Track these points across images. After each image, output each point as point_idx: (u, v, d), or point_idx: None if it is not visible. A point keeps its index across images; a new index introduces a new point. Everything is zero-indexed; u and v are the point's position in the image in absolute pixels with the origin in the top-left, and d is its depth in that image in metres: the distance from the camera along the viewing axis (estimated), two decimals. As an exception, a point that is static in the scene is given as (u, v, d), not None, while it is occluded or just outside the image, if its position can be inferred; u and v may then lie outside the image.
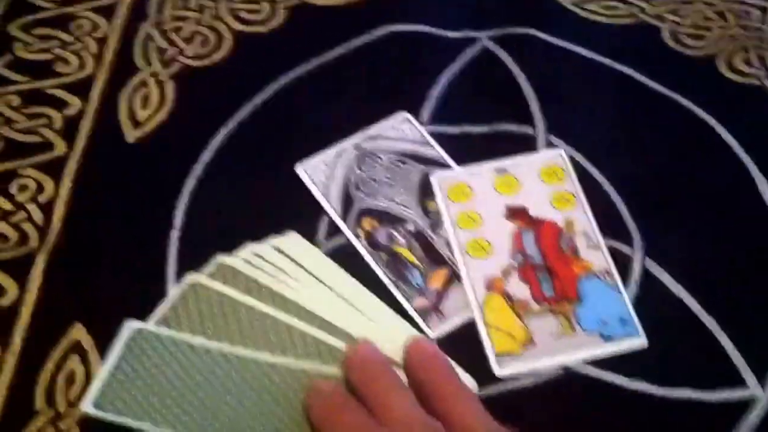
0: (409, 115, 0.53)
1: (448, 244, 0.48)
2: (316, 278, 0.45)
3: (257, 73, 0.56)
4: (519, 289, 0.46)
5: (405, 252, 0.48)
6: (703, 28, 0.59)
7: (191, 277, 0.44)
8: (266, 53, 0.57)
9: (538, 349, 0.44)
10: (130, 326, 0.43)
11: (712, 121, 0.53)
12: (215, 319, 0.43)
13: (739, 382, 0.43)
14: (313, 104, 0.54)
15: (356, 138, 0.52)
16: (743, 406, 0.42)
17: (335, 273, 0.46)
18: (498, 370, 0.43)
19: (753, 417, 0.42)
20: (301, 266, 0.45)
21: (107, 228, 0.49)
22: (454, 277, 0.47)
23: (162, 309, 0.44)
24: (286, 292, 0.44)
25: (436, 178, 0.50)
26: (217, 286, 0.44)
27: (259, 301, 0.43)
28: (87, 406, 0.41)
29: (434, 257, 0.47)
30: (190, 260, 0.45)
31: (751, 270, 0.47)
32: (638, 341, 0.44)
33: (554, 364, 0.43)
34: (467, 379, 0.42)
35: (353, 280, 0.45)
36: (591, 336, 0.44)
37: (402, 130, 0.52)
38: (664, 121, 0.53)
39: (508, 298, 0.45)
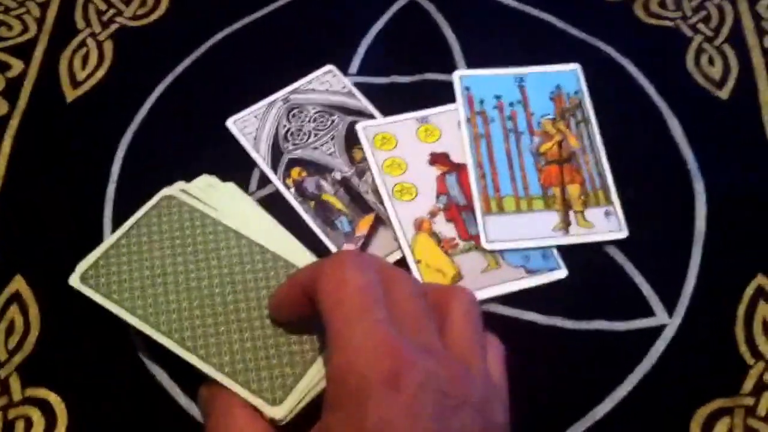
0: (334, 68, 0.54)
1: (374, 191, 0.49)
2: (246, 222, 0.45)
3: (192, 32, 0.56)
4: (446, 228, 0.47)
5: (332, 199, 0.49)
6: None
7: (165, 190, 0.45)
8: (200, 12, 0.58)
9: (466, 283, 0.45)
10: (162, 192, 0.44)
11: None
12: (184, 229, 0.43)
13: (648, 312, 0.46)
14: (245, 60, 0.55)
15: (284, 91, 0.53)
16: (652, 333, 0.45)
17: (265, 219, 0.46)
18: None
19: (660, 343, 0.44)
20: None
21: (47, 184, 0.50)
22: (379, 222, 0.48)
23: (134, 217, 0.44)
24: (230, 222, 0.44)
25: (362, 127, 0.51)
26: (189, 199, 0.44)
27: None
28: (73, 280, 0.42)
29: (360, 204, 0.49)
30: (126, 212, 0.45)
31: (660, 208, 0.49)
32: (560, 273, 0.46)
33: (482, 297, 0.45)
34: None
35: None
36: (516, 269, 0.46)
37: (328, 83, 0.53)
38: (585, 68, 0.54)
39: (435, 237, 0.47)
